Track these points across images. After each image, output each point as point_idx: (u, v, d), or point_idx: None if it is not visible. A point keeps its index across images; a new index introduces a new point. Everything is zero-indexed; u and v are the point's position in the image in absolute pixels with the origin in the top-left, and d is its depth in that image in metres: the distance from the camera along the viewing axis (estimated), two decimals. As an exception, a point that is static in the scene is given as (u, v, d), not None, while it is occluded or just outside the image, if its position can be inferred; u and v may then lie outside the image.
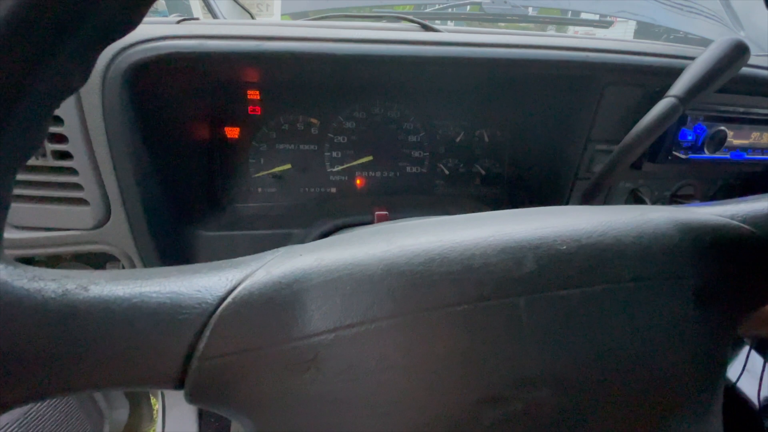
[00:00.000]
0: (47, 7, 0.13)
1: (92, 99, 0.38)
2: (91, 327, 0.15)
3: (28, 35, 0.13)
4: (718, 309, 0.21)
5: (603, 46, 0.47)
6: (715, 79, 0.42)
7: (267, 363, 0.17)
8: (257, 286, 0.17)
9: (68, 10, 0.13)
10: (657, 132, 0.42)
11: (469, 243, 0.19)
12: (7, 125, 0.14)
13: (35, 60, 0.13)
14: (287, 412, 0.18)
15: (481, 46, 0.44)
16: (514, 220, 0.21)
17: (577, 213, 0.22)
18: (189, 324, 0.16)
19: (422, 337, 0.17)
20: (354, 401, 0.17)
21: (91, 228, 0.42)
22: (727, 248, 0.22)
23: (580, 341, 0.19)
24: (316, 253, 0.19)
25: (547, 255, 0.19)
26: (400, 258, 0.18)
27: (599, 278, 0.19)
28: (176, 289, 0.17)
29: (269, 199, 0.61)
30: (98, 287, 0.16)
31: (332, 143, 0.61)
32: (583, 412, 0.19)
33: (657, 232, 0.21)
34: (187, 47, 0.39)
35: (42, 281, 0.15)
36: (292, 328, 0.17)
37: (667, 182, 0.60)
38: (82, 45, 0.15)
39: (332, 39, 0.42)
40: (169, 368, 0.16)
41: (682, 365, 0.20)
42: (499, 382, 0.18)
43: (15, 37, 0.12)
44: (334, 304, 0.17)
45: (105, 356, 0.15)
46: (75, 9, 0.13)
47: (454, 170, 0.66)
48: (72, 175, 0.40)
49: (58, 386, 0.15)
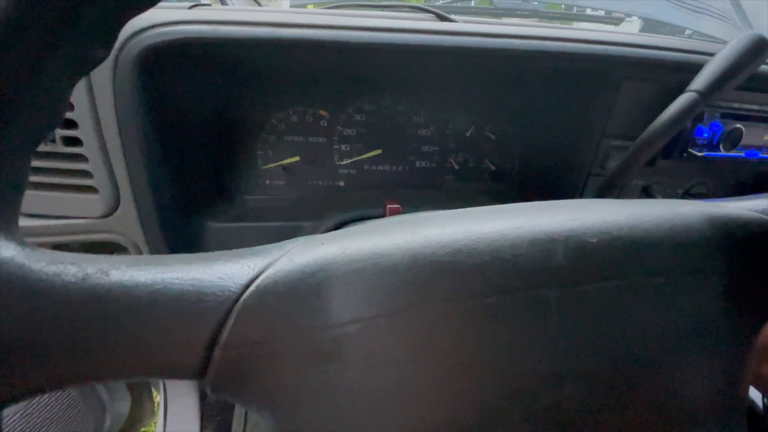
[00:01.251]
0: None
1: (103, 84, 0.37)
2: (112, 313, 0.15)
3: (47, 3, 0.12)
4: (748, 306, 0.21)
5: (621, 40, 0.46)
6: (737, 75, 0.41)
7: (290, 353, 0.16)
8: (281, 274, 0.17)
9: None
10: (677, 127, 0.42)
11: (496, 234, 0.18)
12: (27, 98, 0.13)
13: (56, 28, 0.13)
14: (310, 404, 0.17)
15: (500, 37, 0.43)
16: (542, 211, 0.21)
17: (605, 206, 0.21)
18: (212, 312, 0.16)
19: (448, 329, 0.17)
20: (378, 393, 0.17)
21: (99, 216, 0.41)
22: (759, 244, 0.21)
23: (609, 336, 0.18)
24: (339, 242, 0.19)
25: (578, 247, 0.18)
26: (426, 248, 0.18)
27: (630, 272, 0.19)
28: (199, 276, 0.16)
29: (277, 191, 0.60)
30: (119, 272, 0.15)
31: (341, 136, 0.60)
32: (609, 408, 0.18)
33: (688, 226, 0.20)
34: (201, 32, 0.38)
35: (61, 264, 0.15)
36: (316, 317, 0.17)
37: (680, 180, 0.59)
38: (104, 14, 0.14)
39: (347, 27, 0.41)
40: (191, 357, 0.16)
41: (708, 363, 0.20)
42: (526, 375, 0.17)
43: (34, 6, 0.12)
44: (358, 294, 0.17)
45: (125, 344, 0.15)
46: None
47: (464, 165, 0.65)
48: (81, 162, 0.39)
49: (77, 374, 0.15)
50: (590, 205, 0.22)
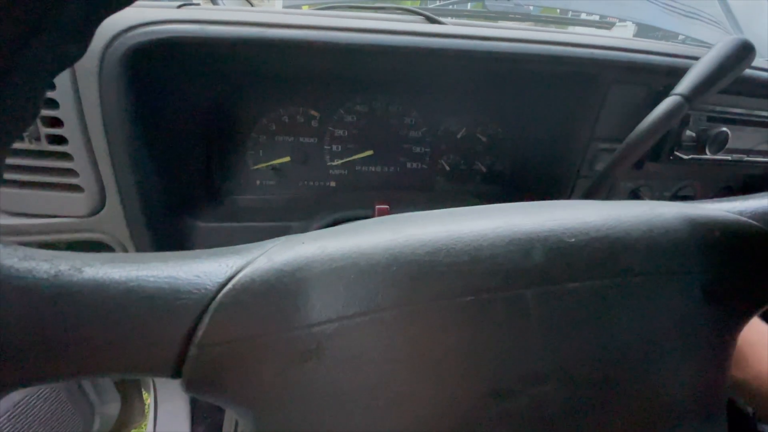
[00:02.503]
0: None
1: (89, 83, 0.37)
2: (84, 310, 0.15)
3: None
4: (726, 305, 0.21)
5: (609, 44, 0.47)
6: (721, 78, 0.42)
7: (267, 352, 0.16)
8: (259, 273, 0.17)
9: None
10: (662, 130, 0.42)
11: (476, 234, 0.18)
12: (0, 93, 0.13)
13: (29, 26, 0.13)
14: (287, 403, 0.17)
15: (488, 40, 0.43)
16: (522, 212, 0.21)
17: (586, 206, 0.22)
18: (187, 310, 0.16)
19: (427, 328, 0.17)
20: (356, 393, 0.17)
21: (85, 215, 0.41)
22: (736, 244, 0.21)
23: (587, 335, 0.18)
24: (319, 241, 0.19)
25: (556, 247, 0.19)
26: (405, 248, 0.18)
27: (608, 271, 0.19)
28: (174, 273, 0.16)
29: (268, 191, 0.60)
30: (93, 269, 0.15)
31: (332, 136, 0.60)
32: (589, 407, 0.18)
33: (666, 226, 0.20)
34: (188, 32, 0.38)
35: (33, 261, 0.15)
36: (293, 316, 0.17)
37: (668, 182, 0.60)
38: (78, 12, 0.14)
39: (337, 28, 0.41)
40: (165, 355, 0.16)
41: (688, 362, 0.20)
42: (505, 375, 0.17)
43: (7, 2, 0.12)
44: (336, 293, 0.17)
45: (98, 341, 0.15)
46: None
47: (455, 167, 0.65)
48: (67, 160, 0.39)
49: (49, 372, 0.15)
50: (571, 206, 0.22)
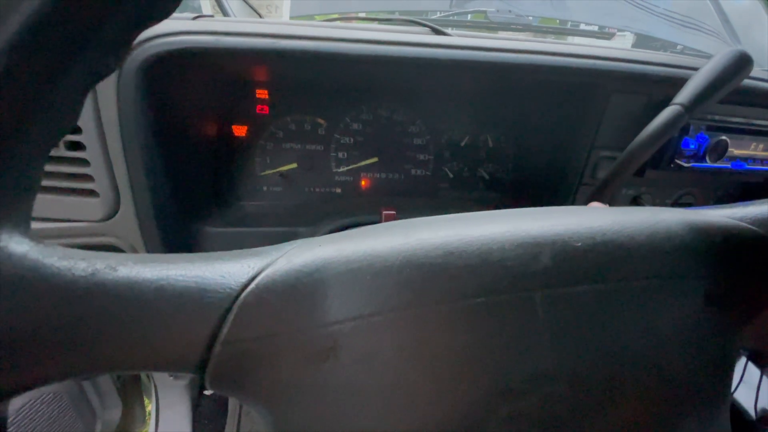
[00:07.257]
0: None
1: (107, 90, 0.38)
2: (118, 306, 0.15)
3: (72, 16, 0.13)
4: (727, 310, 0.22)
5: (610, 55, 0.48)
6: (720, 89, 0.43)
7: (287, 350, 0.17)
8: (279, 273, 0.18)
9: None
10: (662, 139, 0.43)
11: (486, 238, 0.19)
12: (46, 105, 0.14)
13: (80, 39, 0.14)
14: (304, 401, 0.18)
15: (492, 51, 0.44)
16: (531, 217, 0.22)
17: (592, 212, 0.22)
18: (214, 308, 0.16)
19: (439, 329, 0.18)
20: (370, 391, 0.17)
21: (99, 220, 0.42)
22: (737, 250, 0.22)
23: (593, 336, 0.19)
24: (336, 244, 0.19)
25: (563, 251, 0.19)
26: (419, 250, 0.19)
27: (612, 275, 0.19)
28: (201, 273, 0.17)
29: (275, 197, 0.61)
30: (126, 268, 0.16)
31: (338, 144, 0.61)
32: (596, 406, 0.19)
33: (669, 231, 0.21)
34: (204, 43, 0.39)
35: (72, 260, 0.15)
36: (312, 315, 0.17)
37: (669, 190, 0.61)
38: (122, 26, 0.15)
39: (346, 39, 0.42)
40: (192, 352, 0.16)
41: (691, 364, 0.21)
42: (515, 375, 0.18)
43: (60, 18, 0.13)
44: (353, 294, 0.18)
45: (130, 337, 0.16)
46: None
47: (459, 174, 0.66)
48: (83, 165, 0.40)
49: (84, 365, 0.15)
50: (577, 212, 0.23)
